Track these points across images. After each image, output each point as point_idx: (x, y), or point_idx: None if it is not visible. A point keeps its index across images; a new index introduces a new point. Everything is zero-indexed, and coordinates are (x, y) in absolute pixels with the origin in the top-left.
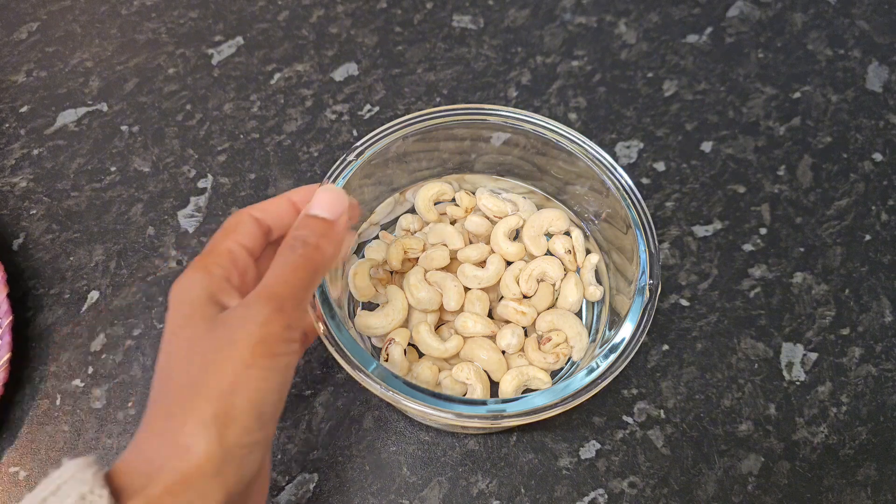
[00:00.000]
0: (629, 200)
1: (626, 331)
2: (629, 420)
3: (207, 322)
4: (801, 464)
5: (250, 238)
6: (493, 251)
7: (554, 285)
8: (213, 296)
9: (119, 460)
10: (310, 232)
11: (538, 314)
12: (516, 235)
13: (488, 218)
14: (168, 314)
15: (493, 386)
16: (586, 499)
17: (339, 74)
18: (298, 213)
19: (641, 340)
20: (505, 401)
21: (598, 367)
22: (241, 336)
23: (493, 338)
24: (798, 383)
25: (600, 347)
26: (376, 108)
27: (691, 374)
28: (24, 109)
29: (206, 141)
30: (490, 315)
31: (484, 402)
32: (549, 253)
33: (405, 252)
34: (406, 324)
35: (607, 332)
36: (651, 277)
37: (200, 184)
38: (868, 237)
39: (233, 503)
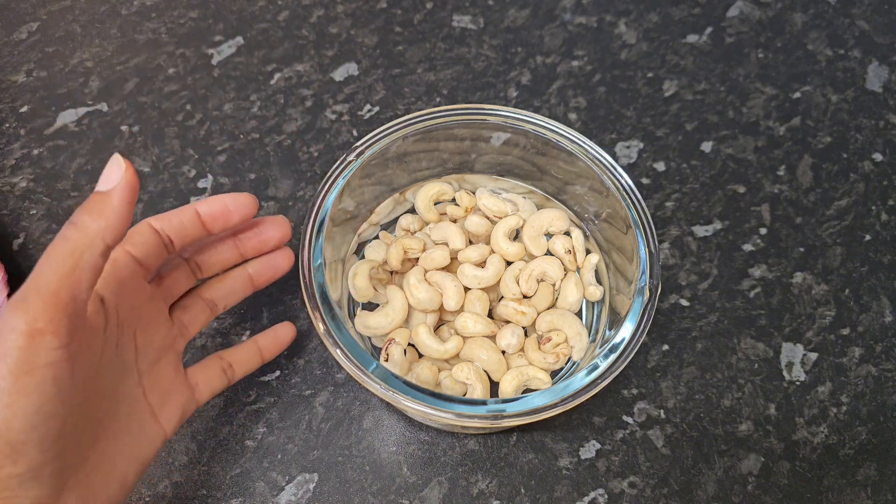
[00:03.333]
0: (629, 200)
1: (626, 331)
2: (629, 420)
3: None
4: (801, 464)
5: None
6: (493, 251)
7: (554, 285)
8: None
9: None
10: (79, 210)
11: (538, 314)
12: (516, 235)
13: (488, 218)
14: None
15: (493, 386)
16: (586, 499)
17: (339, 74)
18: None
19: (641, 340)
20: (505, 401)
21: (598, 367)
22: None
23: (493, 338)
24: (798, 383)
25: (600, 347)
26: (376, 108)
27: (691, 374)
28: (24, 109)
29: (206, 141)
30: (490, 315)
31: (484, 402)
32: (549, 253)
33: (405, 252)
34: (406, 324)
35: (607, 332)
36: (651, 277)
37: (200, 184)
38: (868, 237)
39: None
